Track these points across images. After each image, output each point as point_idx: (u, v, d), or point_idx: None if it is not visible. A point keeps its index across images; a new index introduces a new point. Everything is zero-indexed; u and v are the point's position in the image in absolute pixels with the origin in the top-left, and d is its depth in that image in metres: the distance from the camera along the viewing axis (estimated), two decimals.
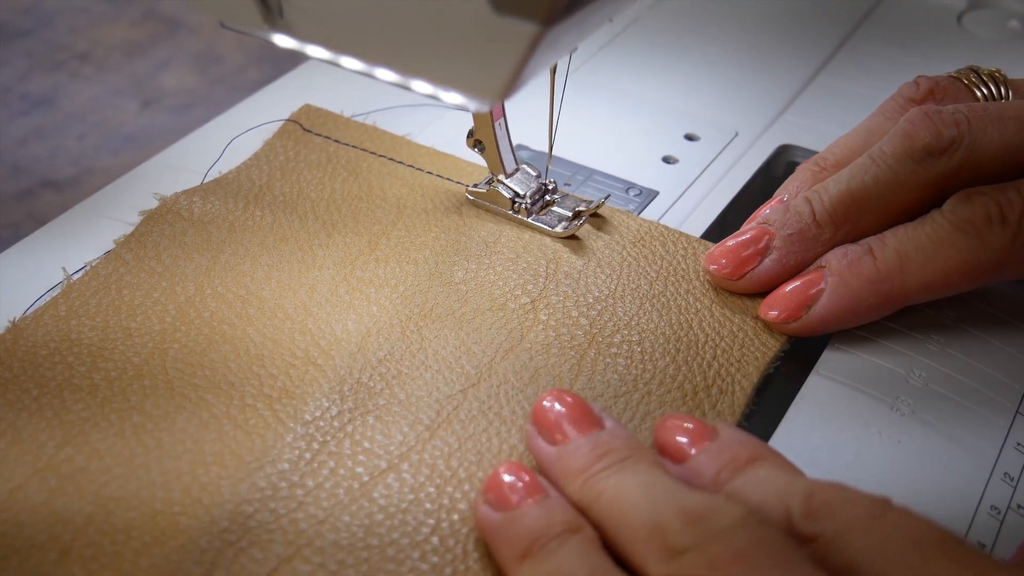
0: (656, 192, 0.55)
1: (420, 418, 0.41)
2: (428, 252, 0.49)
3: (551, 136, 0.51)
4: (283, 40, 0.41)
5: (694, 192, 0.55)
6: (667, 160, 0.57)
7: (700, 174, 0.56)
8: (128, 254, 0.48)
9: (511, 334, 0.45)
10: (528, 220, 0.51)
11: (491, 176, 0.51)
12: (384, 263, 0.48)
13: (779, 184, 0.51)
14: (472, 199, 0.52)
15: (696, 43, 0.68)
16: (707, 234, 0.52)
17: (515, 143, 0.51)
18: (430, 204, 0.52)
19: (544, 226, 0.51)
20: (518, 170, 0.51)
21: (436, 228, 0.50)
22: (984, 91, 0.49)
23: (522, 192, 0.51)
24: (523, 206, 0.51)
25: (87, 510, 0.37)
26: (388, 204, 0.52)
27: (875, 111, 0.50)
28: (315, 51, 0.40)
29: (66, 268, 0.47)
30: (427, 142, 0.56)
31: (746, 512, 0.33)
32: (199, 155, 0.55)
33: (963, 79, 0.50)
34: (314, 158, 0.54)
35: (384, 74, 0.40)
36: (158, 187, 0.52)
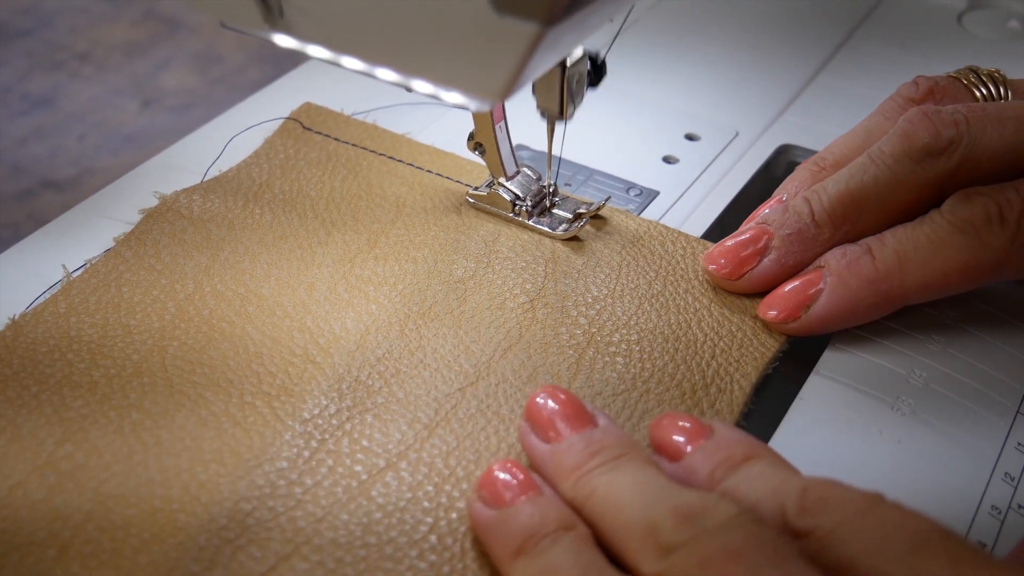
0: (656, 192, 0.55)
1: (419, 416, 0.41)
2: (427, 251, 0.49)
3: (550, 143, 0.50)
4: (283, 40, 0.41)
5: (694, 192, 0.55)
6: (667, 160, 0.57)
7: (700, 174, 0.56)
8: (128, 252, 0.48)
9: (510, 333, 0.45)
10: (528, 223, 0.51)
11: (491, 179, 0.51)
12: (383, 261, 0.48)
13: (779, 184, 0.51)
14: (472, 202, 0.52)
15: (696, 43, 0.68)
16: (707, 234, 0.52)
17: (515, 143, 0.51)
18: (430, 203, 0.52)
19: (545, 228, 0.51)
20: (519, 173, 0.51)
21: (435, 227, 0.50)
22: (983, 91, 0.49)
23: (522, 195, 0.51)
24: (523, 209, 0.51)
25: (86, 507, 0.37)
26: (388, 202, 0.52)
27: (874, 111, 0.50)
28: (316, 51, 0.40)
29: (66, 266, 0.47)
30: (427, 141, 0.56)
31: (739, 510, 0.33)
32: (199, 155, 0.55)
33: (962, 79, 0.50)
34: (314, 156, 0.54)
35: (385, 74, 0.40)
36: (158, 187, 0.52)
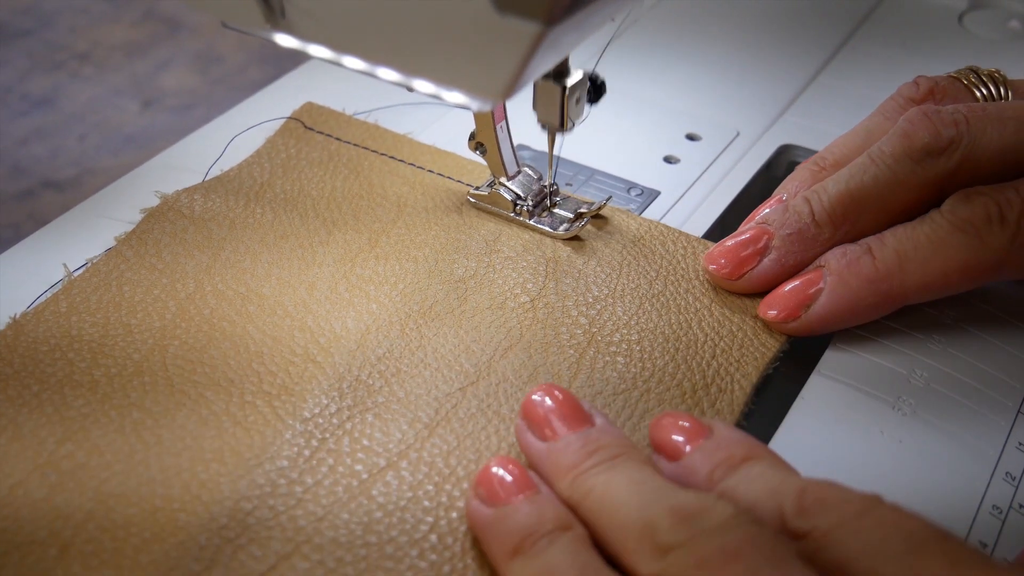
0: (657, 192, 0.55)
1: (419, 416, 0.41)
2: (428, 250, 0.49)
3: (551, 144, 0.50)
4: (285, 40, 0.41)
5: (695, 192, 0.55)
6: (668, 160, 0.57)
7: (701, 174, 0.56)
8: (129, 251, 0.48)
9: (510, 332, 0.45)
10: (530, 222, 0.51)
11: (493, 178, 0.51)
12: (384, 261, 0.48)
13: (780, 184, 0.50)
14: (474, 202, 0.52)
15: (697, 43, 0.68)
16: (708, 234, 0.52)
17: (516, 143, 0.51)
18: (431, 202, 0.52)
19: (546, 228, 0.51)
20: (520, 172, 0.51)
21: (436, 226, 0.50)
22: (983, 91, 0.49)
23: (523, 194, 0.51)
24: (525, 208, 0.51)
25: (87, 506, 0.37)
26: (389, 202, 0.52)
27: (874, 111, 0.50)
28: (317, 51, 0.40)
29: (67, 265, 0.47)
30: (428, 141, 0.56)
31: (737, 511, 0.33)
32: (200, 155, 0.55)
33: (963, 79, 0.50)
34: (315, 156, 0.54)
35: (386, 73, 0.40)
36: (159, 187, 0.52)
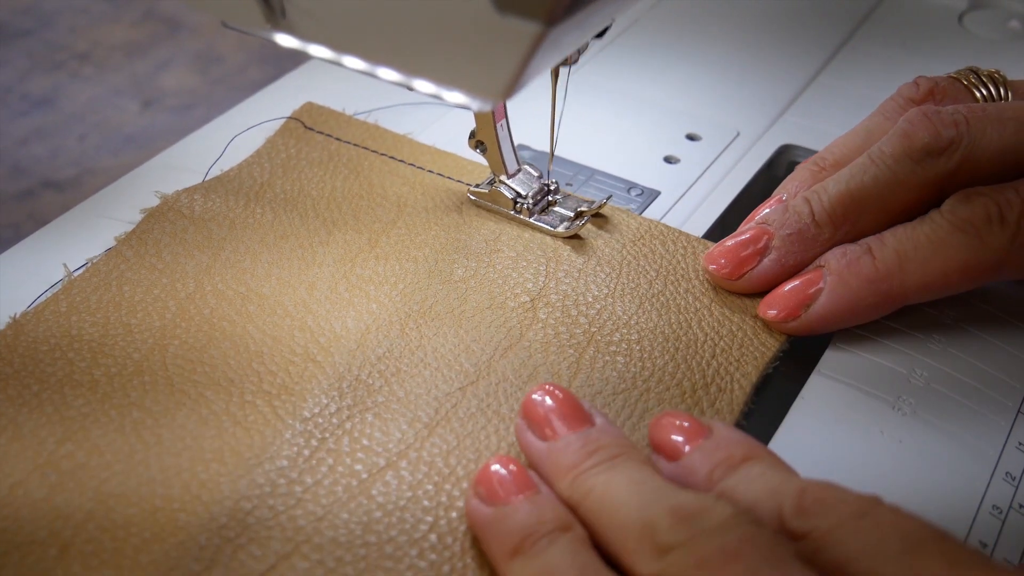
0: (658, 192, 0.55)
1: (419, 416, 0.41)
2: (428, 250, 0.49)
3: (552, 138, 0.50)
4: (285, 40, 0.41)
5: (696, 192, 0.55)
6: (669, 160, 0.58)
7: (702, 174, 0.56)
8: (129, 251, 0.48)
9: (510, 332, 0.45)
10: (530, 220, 0.51)
11: (493, 176, 0.51)
12: (384, 261, 0.48)
13: (780, 184, 0.50)
14: (474, 199, 0.52)
15: (697, 43, 0.68)
16: (708, 234, 0.52)
17: (517, 143, 0.51)
18: (431, 202, 0.52)
19: (546, 226, 0.51)
20: (520, 170, 0.51)
21: (436, 226, 0.50)
22: (983, 92, 0.49)
23: (524, 192, 0.51)
24: (525, 206, 0.51)
25: (87, 506, 0.37)
26: (389, 202, 0.52)
27: (875, 111, 0.50)
28: (317, 51, 0.40)
29: (67, 265, 0.47)
30: (428, 141, 0.56)
31: (736, 511, 0.33)
32: (200, 155, 0.55)
33: (963, 80, 0.50)
34: (315, 156, 0.54)
35: (386, 73, 0.40)
36: (159, 187, 0.52)
